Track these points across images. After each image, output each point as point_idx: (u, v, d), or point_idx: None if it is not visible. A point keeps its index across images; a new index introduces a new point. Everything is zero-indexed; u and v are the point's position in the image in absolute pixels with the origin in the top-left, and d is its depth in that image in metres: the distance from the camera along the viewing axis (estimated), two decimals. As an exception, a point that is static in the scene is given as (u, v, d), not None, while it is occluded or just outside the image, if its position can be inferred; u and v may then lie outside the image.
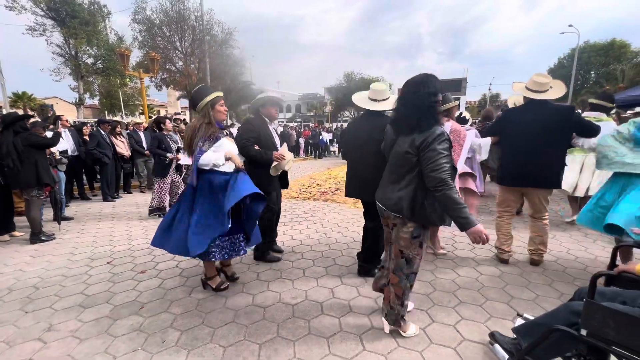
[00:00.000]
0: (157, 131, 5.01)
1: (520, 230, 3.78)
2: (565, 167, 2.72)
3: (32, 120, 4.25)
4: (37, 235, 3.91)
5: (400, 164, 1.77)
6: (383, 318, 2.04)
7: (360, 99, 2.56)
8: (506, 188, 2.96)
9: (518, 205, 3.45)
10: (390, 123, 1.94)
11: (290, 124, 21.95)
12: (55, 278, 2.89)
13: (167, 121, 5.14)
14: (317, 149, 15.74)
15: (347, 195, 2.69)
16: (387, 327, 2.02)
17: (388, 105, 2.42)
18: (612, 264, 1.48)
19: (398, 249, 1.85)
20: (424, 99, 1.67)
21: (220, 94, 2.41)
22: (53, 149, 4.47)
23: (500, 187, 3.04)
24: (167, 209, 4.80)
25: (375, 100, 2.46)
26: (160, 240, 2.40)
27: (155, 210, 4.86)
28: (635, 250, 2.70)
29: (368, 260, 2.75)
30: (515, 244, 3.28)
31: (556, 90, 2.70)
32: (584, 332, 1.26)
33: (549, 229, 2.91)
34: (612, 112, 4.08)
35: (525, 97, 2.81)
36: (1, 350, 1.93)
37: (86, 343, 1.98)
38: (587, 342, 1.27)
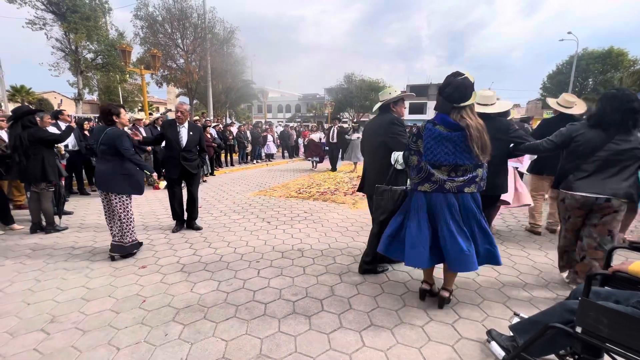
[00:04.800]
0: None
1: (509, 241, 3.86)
2: None
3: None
4: (52, 226, 4.00)
5: (625, 158, 2.17)
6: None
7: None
8: (540, 177, 3.95)
9: (546, 191, 4.16)
10: (597, 126, 2.27)
11: (290, 124, 21.94)
12: (56, 271, 2.90)
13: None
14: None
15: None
16: None
17: (495, 108, 2.83)
18: (607, 265, 1.53)
19: (607, 228, 2.27)
20: (638, 106, 2.15)
21: None
22: (59, 145, 4.46)
23: (534, 177, 4.02)
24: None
25: (485, 105, 2.82)
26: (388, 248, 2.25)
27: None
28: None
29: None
30: (520, 254, 3.35)
31: (579, 107, 3.59)
32: (578, 329, 1.31)
33: None
34: None
35: (555, 110, 3.69)
36: (5, 340, 1.95)
37: (89, 335, 2.01)
38: (581, 339, 1.31)
